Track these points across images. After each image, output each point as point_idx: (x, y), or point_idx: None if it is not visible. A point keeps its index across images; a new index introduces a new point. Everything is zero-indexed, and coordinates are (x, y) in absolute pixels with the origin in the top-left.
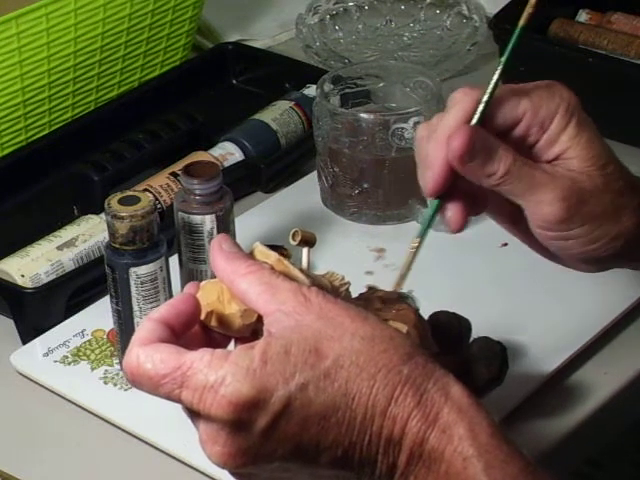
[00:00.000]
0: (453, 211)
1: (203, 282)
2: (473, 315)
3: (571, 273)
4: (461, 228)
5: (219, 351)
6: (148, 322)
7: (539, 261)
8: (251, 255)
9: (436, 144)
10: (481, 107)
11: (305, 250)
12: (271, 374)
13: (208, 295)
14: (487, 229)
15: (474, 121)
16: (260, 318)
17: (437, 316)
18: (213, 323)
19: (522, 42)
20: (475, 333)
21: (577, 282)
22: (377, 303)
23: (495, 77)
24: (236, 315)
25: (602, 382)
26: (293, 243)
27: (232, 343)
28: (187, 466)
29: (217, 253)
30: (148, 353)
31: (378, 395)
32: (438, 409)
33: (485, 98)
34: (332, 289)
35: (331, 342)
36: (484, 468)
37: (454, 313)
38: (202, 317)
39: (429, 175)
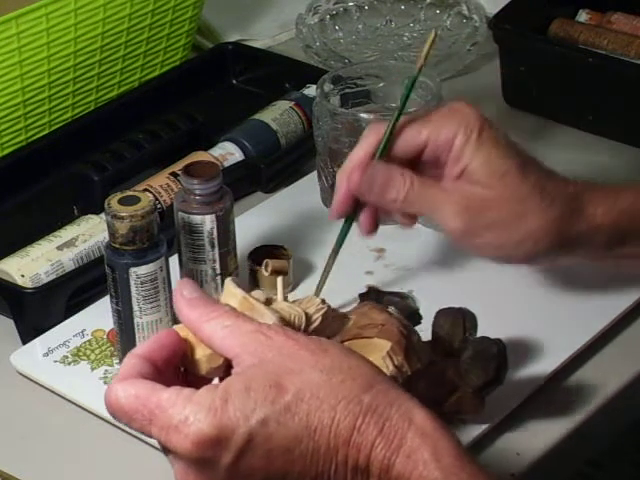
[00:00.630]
0: (363, 220)
1: (177, 327)
2: None
3: (571, 274)
4: (370, 232)
5: (186, 391)
6: (130, 357)
7: None
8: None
9: (341, 175)
10: (383, 140)
11: (279, 279)
12: (232, 412)
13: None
14: None
15: (377, 155)
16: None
17: (439, 322)
18: (183, 366)
19: (522, 42)
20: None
21: (577, 283)
22: (361, 319)
23: (396, 112)
24: (202, 360)
25: (602, 382)
26: (265, 274)
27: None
28: None
29: (180, 300)
30: (125, 388)
31: (340, 426)
32: (402, 435)
33: (387, 132)
34: (305, 318)
35: (291, 376)
36: None
37: (460, 310)
38: None
39: (334, 201)
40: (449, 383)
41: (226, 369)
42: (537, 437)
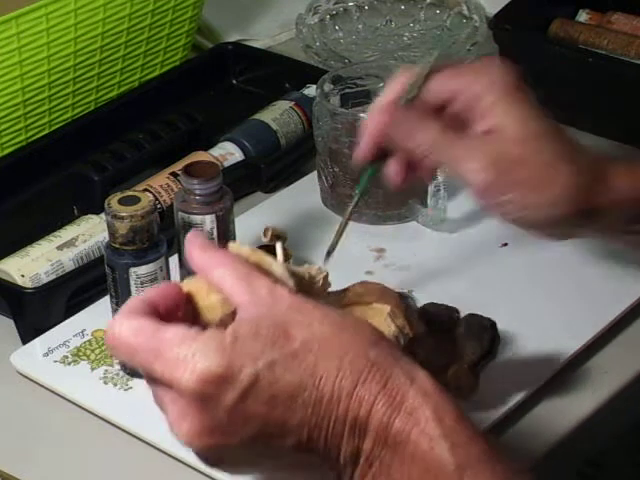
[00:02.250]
0: (391, 167)
1: (184, 281)
2: None
3: (571, 273)
4: (401, 182)
5: (193, 329)
6: (134, 299)
7: (539, 261)
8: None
9: (368, 117)
10: (413, 84)
11: (278, 244)
12: (240, 352)
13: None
14: (487, 229)
15: (408, 96)
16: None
17: (425, 307)
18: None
19: (522, 42)
20: None
21: (577, 282)
22: (359, 288)
23: (434, 56)
24: (216, 305)
25: (602, 382)
26: (265, 240)
27: None
28: (187, 466)
29: (193, 245)
30: (130, 323)
31: (345, 377)
32: (404, 393)
33: (418, 75)
34: (309, 278)
35: (300, 327)
36: (450, 447)
37: (443, 305)
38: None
39: (360, 144)
40: (444, 356)
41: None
42: (537, 437)
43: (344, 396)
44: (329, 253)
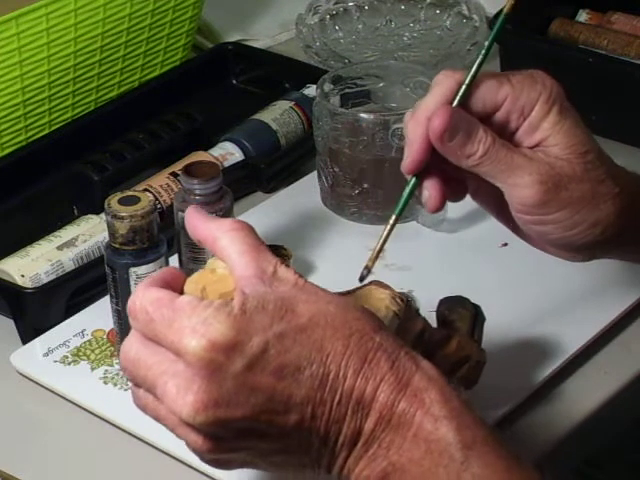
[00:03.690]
0: (430, 190)
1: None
2: None
3: (571, 273)
4: (438, 208)
5: (206, 300)
6: (151, 277)
7: (539, 261)
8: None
9: (415, 123)
10: (462, 89)
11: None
12: (249, 322)
13: (192, 291)
14: (487, 229)
15: (455, 102)
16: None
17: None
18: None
19: (522, 42)
20: None
21: (577, 282)
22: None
23: (478, 60)
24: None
25: (602, 382)
26: None
27: None
28: (187, 466)
29: (195, 215)
30: (150, 292)
31: (352, 356)
32: (410, 375)
33: (467, 81)
34: None
35: (306, 305)
36: (456, 428)
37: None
38: None
39: (407, 153)
40: (440, 331)
41: None
42: (537, 437)
43: (350, 374)
44: (368, 271)
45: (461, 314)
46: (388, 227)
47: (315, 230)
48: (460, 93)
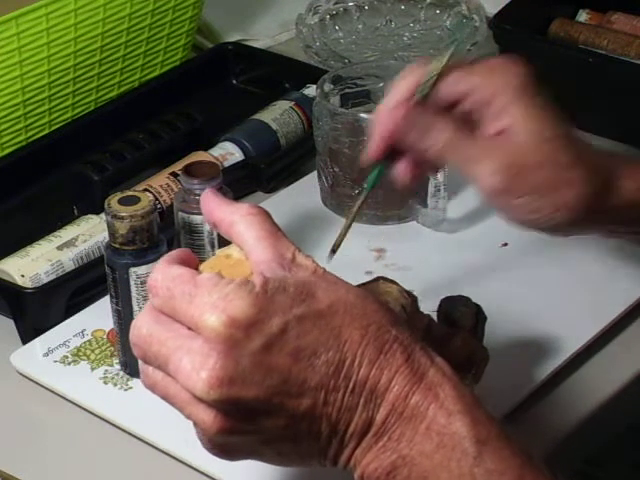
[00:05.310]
0: (400, 168)
1: (201, 266)
2: None
3: (571, 273)
4: (409, 182)
5: (227, 277)
6: (169, 255)
7: (539, 261)
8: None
9: (379, 115)
10: (426, 82)
11: None
12: (270, 301)
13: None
14: (487, 229)
15: (418, 96)
16: None
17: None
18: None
19: (522, 42)
20: None
21: (577, 283)
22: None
23: (446, 56)
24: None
25: (602, 382)
26: None
27: None
28: (187, 466)
29: (212, 199)
30: (172, 269)
31: (369, 345)
32: (425, 369)
33: (430, 75)
34: None
35: (325, 292)
36: (470, 422)
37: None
38: None
39: (370, 142)
40: (442, 328)
41: None
42: (537, 437)
43: (365, 363)
44: (333, 251)
45: (463, 312)
46: (353, 210)
47: (315, 230)
48: (422, 88)
